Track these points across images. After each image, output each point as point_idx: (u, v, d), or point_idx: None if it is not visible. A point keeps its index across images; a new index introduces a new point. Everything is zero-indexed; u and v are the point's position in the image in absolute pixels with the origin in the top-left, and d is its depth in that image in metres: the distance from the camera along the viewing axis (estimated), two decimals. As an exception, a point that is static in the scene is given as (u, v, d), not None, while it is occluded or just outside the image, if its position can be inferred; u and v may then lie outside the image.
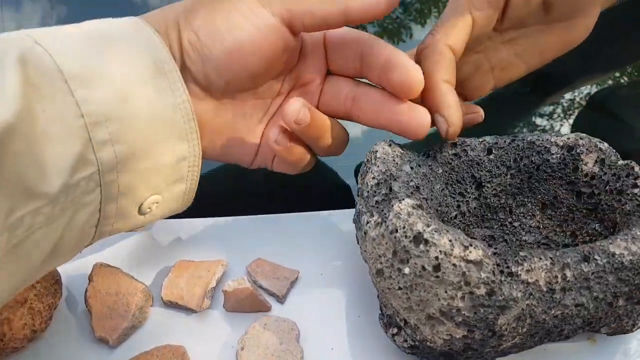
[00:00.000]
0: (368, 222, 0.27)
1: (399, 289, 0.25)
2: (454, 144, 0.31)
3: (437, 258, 0.23)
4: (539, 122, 0.45)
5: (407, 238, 0.24)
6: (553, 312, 0.24)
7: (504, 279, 0.23)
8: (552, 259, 0.24)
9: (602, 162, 0.30)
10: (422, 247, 0.24)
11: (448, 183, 0.32)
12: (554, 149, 0.31)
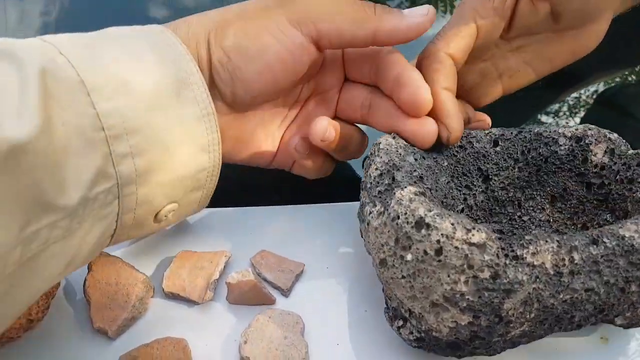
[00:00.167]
0: (371, 212, 0.27)
1: (402, 278, 0.25)
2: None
3: (438, 242, 0.23)
4: (546, 119, 0.45)
5: (409, 224, 0.24)
6: (562, 296, 0.23)
7: (509, 262, 0.23)
8: (558, 242, 0.23)
9: (611, 152, 0.30)
10: (424, 231, 0.24)
11: (454, 176, 0.32)
12: (562, 140, 0.31)
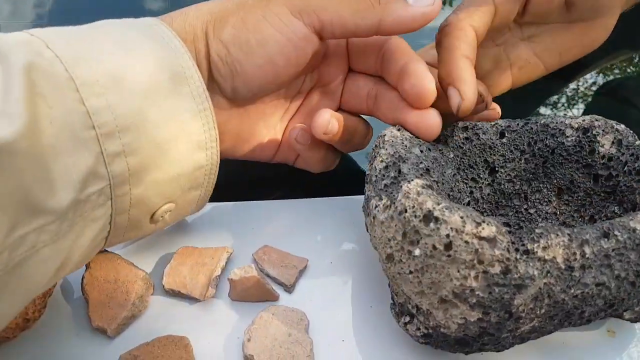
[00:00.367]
0: (376, 206, 0.26)
1: (410, 273, 0.25)
2: (465, 128, 0.31)
3: (448, 236, 0.23)
4: (550, 110, 0.45)
5: (416, 218, 0.24)
6: (572, 291, 0.23)
7: (520, 257, 0.23)
8: (569, 236, 0.23)
9: (619, 143, 0.30)
10: (432, 225, 0.23)
11: (460, 168, 0.32)
12: (569, 132, 0.31)
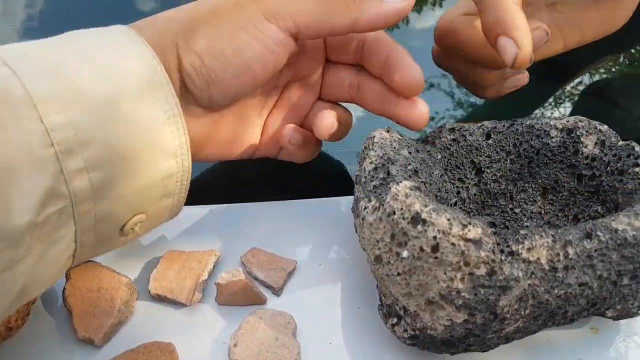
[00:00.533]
0: (365, 207, 0.27)
1: (398, 275, 0.25)
2: (452, 129, 0.32)
3: (435, 238, 0.24)
4: (537, 111, 0.45)
5: (404, 219, 0.24)
6: (556, 291, 0.24)
7: (505, 258, 0.23)
8: (553, 237, 0.24)
9: (602, 143, 0.31)
10: (420, 227, 0.24)
11: (447, 169, 0.32)
12: (554, 132, 0.32)
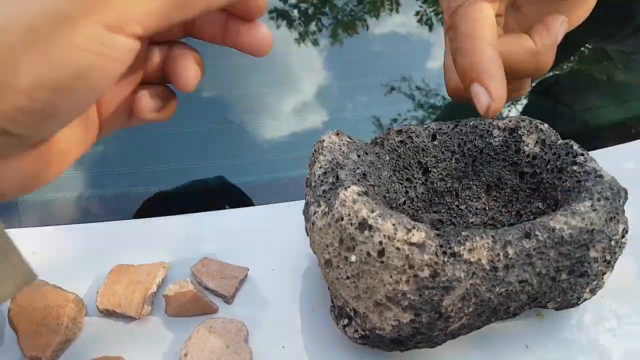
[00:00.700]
0: (315, 212, 0.27)
1: (347, 278, 0.26)
2: (400, 131, 0.33)
3: (381, 243, 0.24)
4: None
5: (352, 225, 0.25)
6: (497, 290, 0.25)
7: (447, 260, 0.24)
8: (493, 237, 0.25)
9: (542, 142, 0.32)
10: (367, 232, 0.24)
11: (395, 170, 0.33)
12: (496, 132, 0.33)
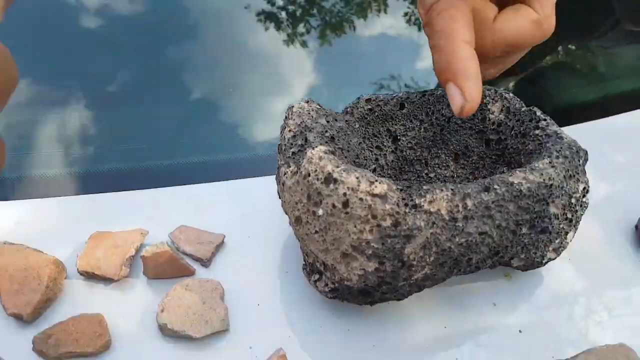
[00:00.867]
0: (285, 172, 0.29)
1: (316, 232, 0.27)
2: (369, 100, 0.34)
3: (345, 194, 0.26)
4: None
5: (318, 180, 0.26)
6: (457, 239, 0.27)
7: (408, 211, 0.26)
8: (453, 190, 0.26)
9: (507, 109, 0.34)
10: (332, 186, 0.26)
11: (365, 137, 0.34)
12: (463, 101, 0.34)
